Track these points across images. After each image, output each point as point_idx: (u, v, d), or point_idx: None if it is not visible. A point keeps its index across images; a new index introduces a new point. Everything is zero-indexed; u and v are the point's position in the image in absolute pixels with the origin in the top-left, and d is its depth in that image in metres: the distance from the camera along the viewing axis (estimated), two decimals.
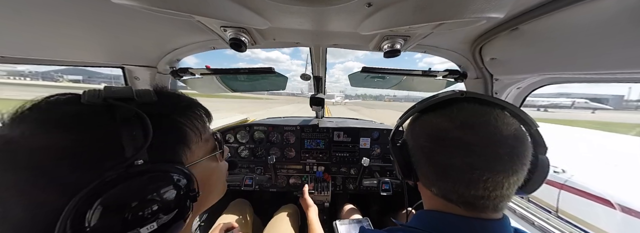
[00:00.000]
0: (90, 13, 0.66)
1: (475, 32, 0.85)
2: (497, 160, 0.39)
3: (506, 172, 0.40)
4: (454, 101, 0.48)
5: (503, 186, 0.40)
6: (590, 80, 0.81)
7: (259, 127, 1.75)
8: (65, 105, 0.29)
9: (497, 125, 0.41)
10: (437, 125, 0.46)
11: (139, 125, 0.29)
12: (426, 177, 0.48)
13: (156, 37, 0.92)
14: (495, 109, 0.45)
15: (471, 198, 0.42)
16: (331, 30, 0.81)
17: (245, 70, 1.25)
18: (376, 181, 1.73)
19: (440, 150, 0.44)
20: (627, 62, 0.57)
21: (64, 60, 0.91)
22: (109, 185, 0.26)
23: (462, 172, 0.41)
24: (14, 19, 0.63)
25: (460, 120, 0.43)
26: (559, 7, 0.56)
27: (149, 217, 0.28)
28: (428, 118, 0.49)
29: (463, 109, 0.45)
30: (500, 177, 0.39)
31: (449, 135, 0.43)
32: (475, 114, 0.44)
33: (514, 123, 0.43)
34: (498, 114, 0.43)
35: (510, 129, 0.41)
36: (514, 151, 0.40)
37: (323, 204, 1.65)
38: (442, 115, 0.46)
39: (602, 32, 0.56)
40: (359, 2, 0.55)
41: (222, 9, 0.57)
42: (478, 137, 0.41)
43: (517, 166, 0.40)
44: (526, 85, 1.02)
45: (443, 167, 0.43)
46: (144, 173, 0.28)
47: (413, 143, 0.50)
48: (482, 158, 0.40)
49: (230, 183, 1.71)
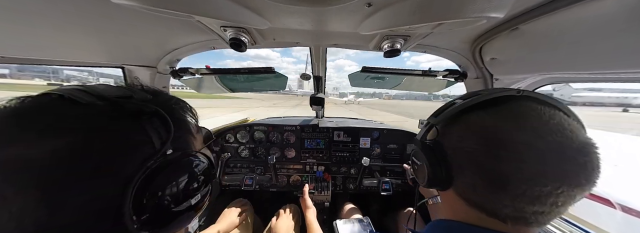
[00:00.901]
0: (90, 13, 0.66)
1: (475, 32, 0.85)
2: (577, 170, 0.33)
3: (583, 186, 0.34)
4: (510, 99, 0.41)
5: (573, 201, 0.35)
6: (590, 80, 0.81)
7: (259, 127, 1.75)
8: (68, 107, 0.29)
9: (571, 129, 0.35)
10: (494, 126, 0.39)
11: (157, 120, 0.33)
12: (469, 186, 0.41)
13: (156, 37, 0.92)
14: (557, 111, 0.39)
15: (528, 214, 0.36)
16: (331, 30, 0.81)
17: (245, 70, 1.25)
18: (376, 181, 1.73)
19: (499, 157, 0.36)
20: (627, 62, 0.57)
21: (64, 60, 0.91)
22: (156, 172, 0.30)
23: (532, 184, 0.34)
24: (14, 19, 0.63)
25: (527, 121, 0.37)
26: (559, 7, 0.56)
27: (193, 191, 0.35)
28: (478, 117, 0.41)
29: (524, 108, 0.39)
30: (576, 192, 0.34)
31: (514, 139, 0.36)
32: (543, 115, 0.37)
33: (581, 128, 0.38)
34: (564, 116, 0.37)
35: (584, 135, 0.36)
36: (593, 161, 0.34)
37: (323, 204, 1.65)
38: (499, 115, 0.39)
39: (602, 32, 0.56)
40: (359, 2, 0.55)
41: (222, 9, 0.57)
42: (553, 143, 0.34)
43: (595, 178, 0.34)
44: (526, 85, 1.02)
45: (501, 176, 0.36)
46: (177, 160, 0.34)
47: (456, 146, 0.43)
48: (559, 169, 0.33)
49: (231, 183, 1.71)
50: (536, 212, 0.35)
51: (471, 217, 0.42)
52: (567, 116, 0.38)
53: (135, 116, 0.31)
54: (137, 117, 0.31)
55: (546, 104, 0.40)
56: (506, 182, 0.36)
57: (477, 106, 0.43)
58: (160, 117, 0.33)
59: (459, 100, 0.46)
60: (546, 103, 0.40)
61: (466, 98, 0.45)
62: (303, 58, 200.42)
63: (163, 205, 0.31)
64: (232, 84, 1.53)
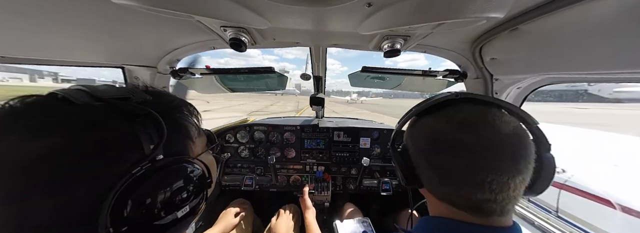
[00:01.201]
0: (91, 13, 0.66)
1: (475, 32, 0.85)
2: (500, 160, 0.39)
3: (510, 172, 0.38)
4: (450, 102, 0.48)
5: (509, 187, 0.39)
6: (591, 80, 0.81)
7: (259, 127, 1.75)
8: (60, 107, 0.28)
9: (495, 124, 0.40)
10: (435, 127, 0.45)
11: (151, 123, 0.31)
12: (430, 181, 0.47)
13: (156, 37, 0.92)
14: (492, 108, 0.45)
15: (478, 202, 0.40)
16: (331, 30, 0.81)
17: (245, 70, 1.25)
18: (376, 181, 1.73)
19: (441, 153, 0.43)
20: (627, 62, 0.57)
21: (64, 60, 0.91)
22: (141, 180, 0.28)
23: (466, 175, 0.40)
24: (14, 19, 0.63)
25: (458, 121, 0.43)
26: (559, 7, 0.56)
27: (181, 202, 0.32)
28: (426, 121, 0.49)
29: (460, 109, 0.45)
30: (505, 178, 0.38)
31: (449, 137, 0.42)
32: (473, 114, 0.43)
33: (512, 121, 0.42)
34: (495, 112, 0.43)
35: (509, 127, 0.40)
36: (515, 149, 0.39)
37: (323, 204, 1.65)
38: (440, 117, 0.46)
39: (602, 32, 0.56)
40: (359, 2, 0.55)
41: (222, 9, 0.57)
42: (478, 137, 0.40)
43: (520, 165, 0.39)
44: (526, 85, 1.02)
45: (446, 170, 0.42)
46: (167, 167, 0.31)
47: (414, 148, 0.50)
48: (485, 159, 0.39)
49: (231, 183, 1.71)
50: (483, 200, 0.40)
51: (445, 210, 0.46)
52: (503, 111, 0.45)
53: (127, 118, 0.30)
54: (128, 119, 0.30)
55: (481, 102, 0.46)
56: (450, 175, 0.42)
57: (426, 111, 0.49)
58: (153, 119, 0.31)
59: (415, 107, 0.53)
60: (481, 102, 0.47)
61: (420, 104, 0.52)
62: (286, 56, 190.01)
63: (145, 218, 0.28)
64: (232, 83, 1.53)
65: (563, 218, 2.01)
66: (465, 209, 0.42)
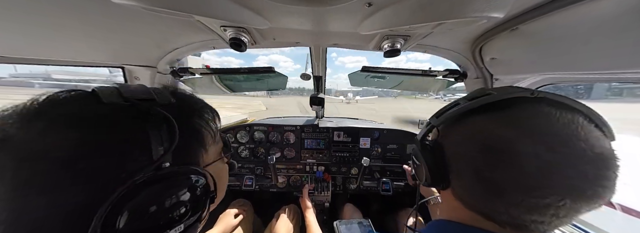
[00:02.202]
0: (91, 13, 0.66)
1: (475, 32, 0.85)
2: (584, 185, 0.31)
3: (591, 200, 0.31)
4: (520, 101, 0.37)
5: (576, 213, 0.32)
6: (591, 80, 0.81)
7: (259, 127, 1.75)
8: (86, 104, 0.28)
9: (586, 139, 0.31)
10: (495, 132, 0.35)
11: (165, 127, 0.30)
12: (466, 190, 0.40)
13: (156, 37, 0.92)
14: (577, 116, 0.34)
15: (527, 222, 0.34)
16: (331, 30, 0.81)
17: (244, 70, 1.25)
18: (376, 181, 1.73)
19: (499, 166, 0.34)
20: (627, 62, 0.57)
21: (64, 60, 0.91)
22: (140, 188, 0.26)
23: (530, 196, 0.32)
24: (14, 19, 0.63)
25: (534, 130, 0.33)
26: (559, 7, 0.56)
27: (177, 219, 0.29)
28: (480, 121, 0.39)
29: (535, 113, 0.35)
30: (580, 205, 0.31)
31: (516, 149, 0.33)
32: (556, 122, 0.33)
33: (602, 136, 0.33)
34: (583, 123, 0.33)
35: (602, 145, 0.32)
36: (604, 173, 0.31)
37: (323, 204, 1.65)
38: (504, 120, 0.36)
39: (602, 32, 0.56)
40: (359, 2, 0.55)
41: (222, 9, 0.57)
42: (562, 155, 0.31)
43: (606, 195, 0.31)
44: (526, 85, 1.02)
45: (499, 184, 0.34)
46: (170, 176, 0.29)
47: (453, 150, 0.41)
48: (564, 182, 0.31)
49: (231, 184, 1.71)
50: (535, 221, 0.34)
51: (468, 218, 0.41)
52: (588, 121, 0.34)
53: (142, 120, 0.29)
54: (143, 121, 0.29)
55: (565, 107, 0.35)
56: (502, 190, 0.34)
57: (482, 109, 0.39)
58: (168, 124, 0.30)
59: (463, 101, 0.43)
60: (564, 106, 0.35)
61: (472, 98, 0.41)
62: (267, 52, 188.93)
63: (136, 230, 0.26)
64: (232, 83, 1.53)
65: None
66: (499, 223, 0.36)
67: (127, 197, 0.25)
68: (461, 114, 0.42)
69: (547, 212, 0.32)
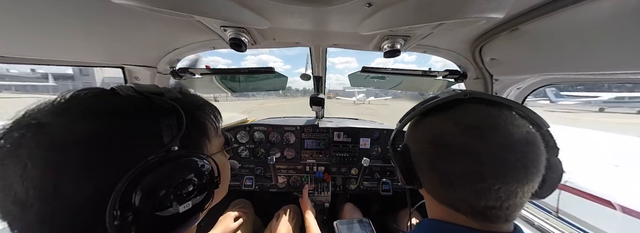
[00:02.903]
0: (90, 13, 0.66)
1: (475, 32, 0.85)
2: (510, 168, 0.36)
3: (520, 180, 0.36)
4: (458, 102, 0.45)
5: (517, 195, 0.37)
6: (591, 81, 0.81)
7: (259, 127, 1.75)
8: (106, 98, 0.32)
9: (506, 128, 0.38)
10: (440, 129, 0.42)
11: (174, 116, 0.34)
12: (430, 184, 0.46)
13: (156, 37, 0.92)
14: (503, 109, 0.41)
15: (481, 208, 0.38)
16: (331, 30, 0.81)
17: (245, 70, 1.25)
18: (376, 181, 1.73)
19: (445, 158, 0.40)
20: (627, 63, 0.57)
21: (64, 60, 0.91)
22: (153, 167, 0.29)
23: (471, 182, 0.38)
24: (14, 19, 0.63)
25: (465, 124, 0.40)
26: (559, 7, 0.56)
27: (185, 196, 0.32)
28: (430, 121, 0.46)
29: (468, 110, 0.42)
30: (514, 186, 0.36)
31: (454, 141, 0.39)
32: (482, 117, 0.40)
33: (524, 125, 0.39)
34: (507, 115, 0.40)
35: (522, 132, 0.37)
36: (527, 156, 0.37)
37: (323, 204, 1.65)
38: (446, 119, 0.43)
39: (602, 32, 0.56)
40: (359, 2, 0.55)
41: (222, 9, 0.57)
42: (487, 143, 0.37)
43: (531, 173, 0.37)
44: (526, 85, 1.02)
45: (449, 175, 0.40)
46: (179, 158, 0.32)
47: (415, 149, 0.47)
48: (493, 167, 0.36)
49: (231, 184, 1.70)
50: (488, 207, 0.38)
51: (444, 214, 0.45)
52: (512, 114, 0.41)
53: (154, 109, 0.33)
54: (155, 110, 0.33)
55: (492, 103, 0.43)
56: (453, 180, 0.40)
57: (431, 111, 0.47)
58: (177, 114, 0.34)
59: (418, 105, 0.50)
60: (492, 103, 0.43)
61: (424, 103, 0.49)
62: None
63: (148, 205, 0.29)
64: (232, 84, 1.53)
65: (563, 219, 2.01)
66: (466, 214, 0.41)
67: (141, 174, 0.28)
68: (417, 117, 0.50)
69: (490, 196, 0.37)
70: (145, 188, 0.28)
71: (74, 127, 0.28)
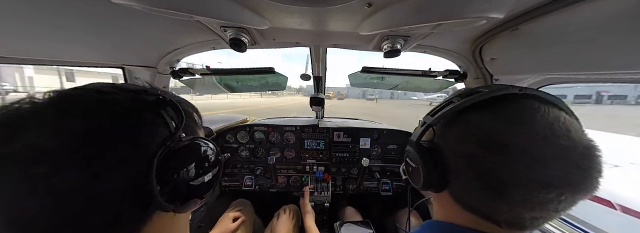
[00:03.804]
0: (90, 13, 0.66)
1: (475, 32, 0.85)
2: (580, 176, 0.32)
3: (588, 190, 0.33)
4: (511, 98, 0.39)
5: (566, 208, 0.34)
6: (591, 81, 0.81)
7: (259, 128, 1.75)
8: (104, 95, 0.33)
9: (575, 131, 0.33)
10: (494, 128, 0.36)
11: (172, 108, 0.38)
12: (466, 190, 0.40)
13: (156, 37, 0.92)
14: (561, 111, 0.36)
15: (524, 220, 0.35)
16: (331, 30, 0.81)
17: (244, 70, 1.25)
18: (376, 181, 1.73)
19: (498, 161, 0.34)
20: (627, 63, 0.57)
21: (63, 60, 0.91)
22: (172, 152, 0.34)
23: (531, 191, 0.32)
24: (14, 19, 0.63)
25: (528, 124, 0.34)
26: (559, 7, 0.56)
27: (207, 168, 0.39)
28: (476, 118, 0.39)
29: (525, 108, 0.36)
30: (578, 197, 0.33)
31: (515, 142, 0.33)
32: (547, 117, 0.34)
33: (582, 131, 0.35)
34: (567, 118, 0.35)
35: (588, 138, 0.34)
36: (595, 164, 0.32)
37: (323, 204, 1.65)
38: (500, 116, 0.37)
39: (603, 32, 0.56)
40: (359, 2, 0.55)
41: (222, 9, 0.57)
42: (557, 147, 0.32)
43: (598, 182, 0.33)
44: (526, 85, 1.02)
45: (500, 182, 0.34)
46: (191, 142, 0.37)
47: (452, 149, 0.41)
48: (563, 175, 0.32)
49: (231, 184, 1.71)
50: (534, 218, 0.34)
51: (466, 220, 0.41)
52: (570, 117, 0.36)
53: (155, 104, 0.36)
54: (156, 104, 0.36)
55: (550, 103, 0.37)
56: (504, 188, 0.34)
57: (476, 105, 0.40)
58: (173, 106, 0.38)
59: (456, 99, 0.43)
60: (550, 102, 0.37)
61: (464, 96, 0.42)
62: None
63: (181, 179, 0.35)
64: (232, 84, 1.53)
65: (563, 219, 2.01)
66: (497, 223, 0.37)
67: (167, 156, 0.33)
68: (458, 112, 0.41)
69: (549, 207, 0.33)
70: (176, 167, 0.34)
71: (100, 120, 0.30)
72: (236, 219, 1.33)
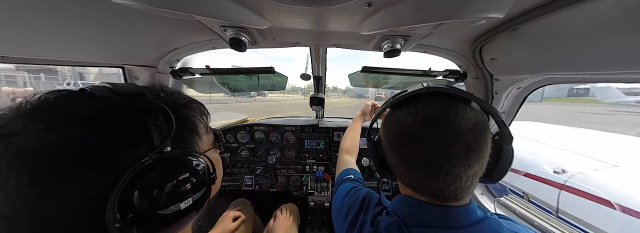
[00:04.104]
0: (91, 13, 0.66)
1: (475, 32, 0.85)
2: (454, 155, 0.42)
3: (463, 166, 0.43)
4: (421, 96, 0.49)
5: (461, 179, 0.44)
6: (590, 80, 0.81)
7: (259, 127, 1.75)
8: (84, 100, 0.31)
9: (455, 120, 0.43)
10: (404, 121, 0.48)
11: (161, 117, 0.33)
12: (396, 170, 0.53)
13: (156, 37, 0.92)
14: (459, 103, 0.46)
15: (434, 190, 0.46)
16: (331, 30, 0.81)
17: (244, 70, 1.25)
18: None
19: (406, 146, 0.47)
20: (627, 62, 0.57)
21: (64, 60, 0.91)
22: (149, 169, 0.29)
23: (424, 167, 0.45)
24: (14, 18, 0.63)
25: (423, 116, 0.45)
26: (559, 7, 0.56)
27: (185, 194, 0.32)
28: (397, 114, 0.51)
29: (428, 104, 0.47)
30: (458, 171, 0.43)
31: (413, 132, 0.46)
32: (438, 110, 0.45)
33: (474, 117, 0.44)
34: (459, 108, 0.45)
35: (469, 124, 0.43)
36: (470, 145, 0.42)
37: (323, 204, 1.65)
38: (408, 112, 0.48)
39: (602, 32, 0.56)
40: (359, 2, 0.55)
41: (222, 9, 0.57)
42: (438, 133, 0.43)
43: (473, 160, 0.43)
44: (526, 85, 1.02)
45: (408, 161, 0.48)
46: (173, 159, 0.33)
47: (386, 140, 0.53)
48: (440, 154, 0.43)
49: (231, 184, 1.71)
50: (438, 189, 0.45)
51: (409, 193, 0.53)
52: (468, 106, 0.46)
53: (140, 111, 0.32)
54: (141, 112, 0.32)
55: (450, 97, 0.48)
56: (411, 166, 0.47)
57: (399, 104, 0.52)
58: (164, 113, 0.33)
59: (389, 100, 0.56)
60: (450, 96, 0.48)
61: (393, 97, 0.55)
62: None
63: (149, 206, 0.29)
64: (232, 84, 1.53)
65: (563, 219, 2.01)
66: (423, 194, 0.49)
67: (137, 178, 0.28)
68: (389, 110, 0.55)
69: (440, 179, 0.44)
70: (143, 190, 0.28)
71: (55, 133, 0.26)
72: (236, 219, 1.33)
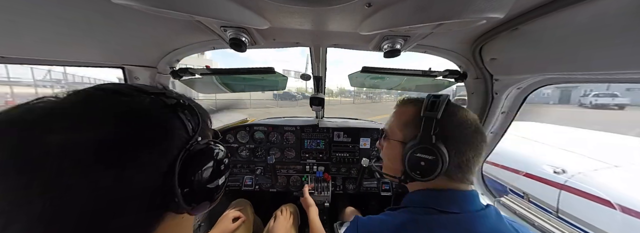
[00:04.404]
0: (90, 13, 0.66)
1: (475, 32, 0.85)
2: (477, 145, 0.59)
3: (478, 153, 0.60)
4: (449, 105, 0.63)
5: (477, 163, 0.61)
6: (590, 80, 0.81)
7: (259, 127, 1.75)
8: (117, 98, 0.33)
9: (476, 120, 0.62)
10: (468, 118, 0.61)
11: (190, 112, 0.38)
12: (458, 166, 0.60)
13: (156, 37, 0.92)
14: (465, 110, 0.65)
15: (470, 176, 0.61)
16: (331, 30, 0.81)
17: (244, 70, 1.25)
18: (376, 181, 1.73)
19: (466, 141, 0.59)
20: (627, 63, 0.57)
21: (64, 60, 0.91)
22: (193, 155, 0.35)
23: (477, 159, 0.60)
24: (14, 19, 0.63)
25: (471, 117, 0.62)
26: (559, 7, 0.56)
27: (220, 172, 0.40)
28: (457, 111, 0.62)
29: (456, 109, 0.62)
30: (475, 157, 0.60)
31: (473, 129, 0.60)
32: (467, 114, 0.62)
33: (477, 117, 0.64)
34: (469, 113, 0.63)
35: (479, 124, 0.62)
36: (475, 139, 0.59)
37: (323, 204, 1.65)
38: (464, 110, 0.63)
39: (603, 32, 0.56)
40: (359, 2, 0.55)
41: (222, 9, 0.57)
42: (478, 129, 0.61)
43: (482, 149, 0.60)
44: (526, 85, 1.02)
45: (466, 155, 0.59)
46: (206, 146, 0.39)
47: (456, 134, 0.60)
48: (472, 145, 0.59)
49: (231, 184, 1.71)
50: (472, 174, 0.62)
51: (440, 183, 0.63)
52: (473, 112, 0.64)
53: (175, 107, 0.36)
54: (176, 108, 0.36)
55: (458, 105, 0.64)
56: (467, 161, 0.60)
57: (451, 102, 0.64)
58: (191, 109, 0.39)
59: (443, 97, 0.63)
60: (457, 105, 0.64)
61: (442, 96, 0.64)
62: None
63: (199, 182, 0.36)
64: (232, 84, 1.53)
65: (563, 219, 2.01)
66: (462, 181, 0.61)
67: (187, 159, 0.34)
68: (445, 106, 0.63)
69: (476, 168, 0.61)
70: (194, 170, 0.35)
71: (125, 127, 0.30)
72: (236, 219, 1.33)
